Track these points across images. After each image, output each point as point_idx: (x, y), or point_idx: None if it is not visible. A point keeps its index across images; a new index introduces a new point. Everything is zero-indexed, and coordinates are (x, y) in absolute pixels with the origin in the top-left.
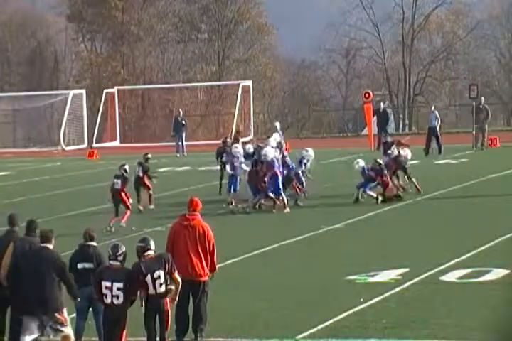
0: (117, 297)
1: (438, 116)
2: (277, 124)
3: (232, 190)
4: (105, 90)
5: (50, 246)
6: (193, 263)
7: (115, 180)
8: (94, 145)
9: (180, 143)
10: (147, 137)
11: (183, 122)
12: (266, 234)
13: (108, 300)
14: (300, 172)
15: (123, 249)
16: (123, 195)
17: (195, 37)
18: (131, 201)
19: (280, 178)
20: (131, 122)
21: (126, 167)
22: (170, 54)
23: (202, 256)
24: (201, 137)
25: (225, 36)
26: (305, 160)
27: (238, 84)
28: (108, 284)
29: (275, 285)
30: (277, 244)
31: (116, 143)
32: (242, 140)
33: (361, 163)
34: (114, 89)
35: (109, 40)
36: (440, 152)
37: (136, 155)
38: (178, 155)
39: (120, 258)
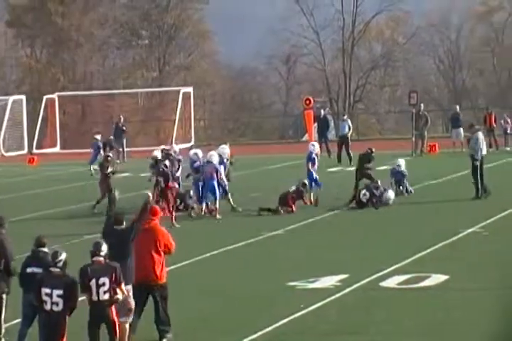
0: (57, 304)
1: (350, 125)
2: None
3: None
4: (45, 96)
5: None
6: (148, 266)
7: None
8: (34, 151)
9: (120, 149)
10: (88, 143)
11: (124, 128)
12: (206, 240)
13: (48, 307)
14: (311, 168)
15: (62, 255)
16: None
17: (136, 43)
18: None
19: (216, 185)
20: (72, 128)
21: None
22: (110, 60)
23: (157, 260)
24: (141, 143)
25: (166, 42)
26: (313, 155)
27: (179, 91)
28: (48, 291)
29: (215, 291)
30: (218, 250)
31: (57, 149)
32: (181, 146)
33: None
34: (55, 95)
35: (49, 46)
36: (350, 162)
37: (77, 161)
38: (119, 161)
39: (59, 264)
